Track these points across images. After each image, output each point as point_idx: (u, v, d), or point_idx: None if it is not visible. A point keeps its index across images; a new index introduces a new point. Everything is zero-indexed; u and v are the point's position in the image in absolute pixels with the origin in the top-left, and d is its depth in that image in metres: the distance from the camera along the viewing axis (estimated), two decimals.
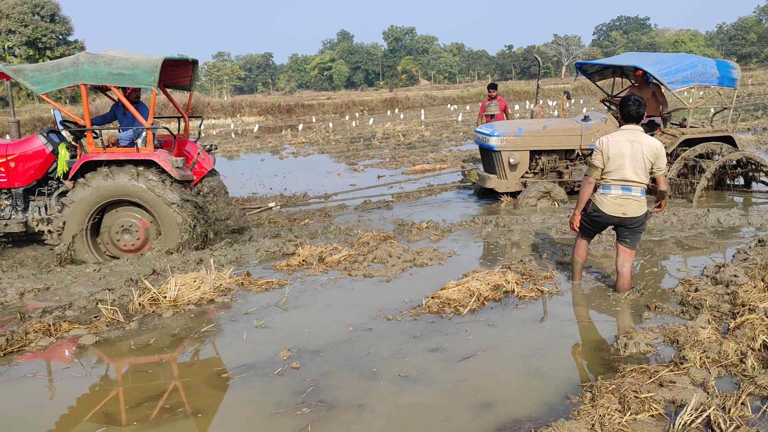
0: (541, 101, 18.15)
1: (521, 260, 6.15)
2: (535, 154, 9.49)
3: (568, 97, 11.65)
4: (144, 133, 7.11)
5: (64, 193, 7.15)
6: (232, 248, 7.22)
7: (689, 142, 9.09)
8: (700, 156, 9.03)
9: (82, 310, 5.34)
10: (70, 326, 4.92)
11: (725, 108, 9.68)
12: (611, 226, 5.27)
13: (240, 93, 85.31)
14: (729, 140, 9.20)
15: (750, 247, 6.17)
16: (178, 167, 7.01)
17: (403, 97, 47.80)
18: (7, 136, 8.26)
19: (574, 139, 9.41)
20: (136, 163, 6.88)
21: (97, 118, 7.76)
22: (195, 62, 7.85)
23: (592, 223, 5.25)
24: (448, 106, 43.74)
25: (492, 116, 11.32)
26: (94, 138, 6.98)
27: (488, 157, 9.70)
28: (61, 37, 55.59)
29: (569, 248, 5.73)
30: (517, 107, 33.22)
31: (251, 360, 4.35)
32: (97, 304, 5.37)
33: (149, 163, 6.89)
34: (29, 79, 6.69)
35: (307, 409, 3.58)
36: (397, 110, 40.40)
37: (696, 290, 5.05)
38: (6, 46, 54.06)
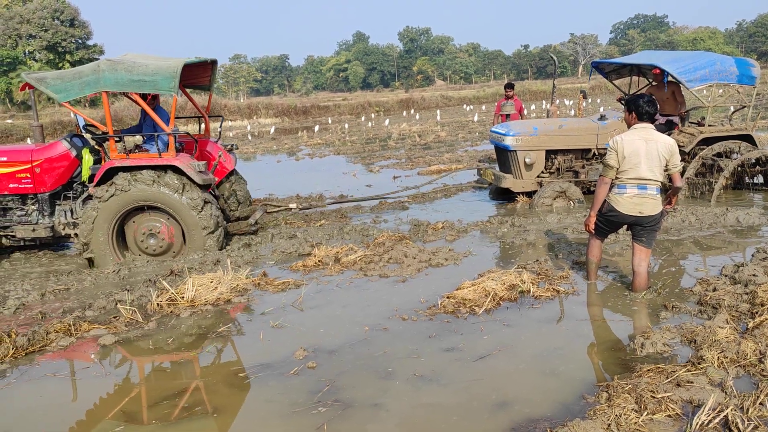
0: (557, 101, 18.04)
1: (537, 260, 6.13)
2: (550, 153, 9.44)
3: (585, 97, 11.55)
4: (166, 138, 7.19)
5: (89, 198, 7.25)
6: (248, 249, 7.27)
7: (707, 141, 9.00)
8: (719, 155, 8.93)
9: (102, 310, 5.42)
10: (90, 326, 4.99)
11: (744, 106, 9.57)
12: (625, 226, 5.25)
13: (256, 95, 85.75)
14: (748, 139, 9.09)
15: None
16: (200, 171, 7.09)
17: (419, 97, 47.77)
18: (28, 140, 8.40)
19: (590, 138, 9.36)
20: (159, 168, 6.95)
21: (131, 128, 7.92)
22: (214, 62, 7.91)
23: (608, 223, 5.22)
24: (464, 106, 43.64)
25: (508, 116, 11.29)
26: (117, 142, 7.05)
27: (504, 156, 9.67)
28: (80, 41, 56.28)
29: (585, 248, 5.71)
30: (533, 107, 33.08)
31: (268, 360, 4.39)
32: (116, 304, 5.44)
33: (171, 168, 6.96)
34: (51, 88, 6.78)
35: (323, 409, 3.61)
36: (412, 111, 40.38)
37: (714, 290, 5.01)
38: (27, 50, 54.86)
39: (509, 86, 11.84)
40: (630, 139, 4.92)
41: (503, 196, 10.07)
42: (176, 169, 6.97)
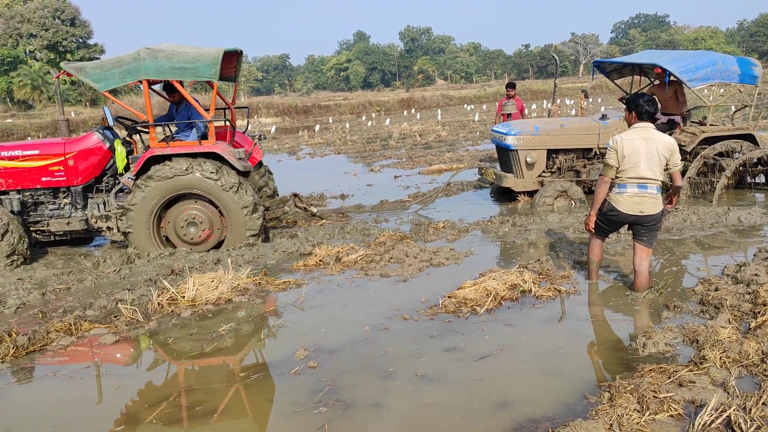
0: (558, 100, 18.05)
1: (538, 260, 6.11)
2: (552, 153, 9.43)
3: (586, 96, 11.56)
4: (201, 126, 7.28)
5: (122, 190, 7.33)
6: (249, 248, 7.26)
7: (709, 140, 8.98)
8: (720, 154, 8.91)
9: (103, 309, 5.41)
10: (90, 326, 4.98)
11: (746, 106, 9.56)
12: (626, 225, 5.24)
13: (257, 94, 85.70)
14: (750, 138, 9.08)
15: None
16: (240, 158, 7.14)
17: (420, 97, 47.74)
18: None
19: (591, 137, 9.35)
20: (198, 156, 6.98)
21: (159, 118, 7.91)
22: (240, 53, 7.93)
23: (608, 222, 5.21)
24: (465, 105, 43.64)
25: (509, 115, 11.27)
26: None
27: (505, 156, 9.66)
28: (81, 40, 56.33)
29: (586, 247, 5.70)
30: (534, 106, 33.07)
31: (268, 359, 4.38)
32: (117, 303, 5.43)
33: (211, 156, 7.00)
34: (91, 77, 6.78)
35: (324, 408, 3.60)
36: (413, 110, 40.37)
37: (716, 289, 5.00)
38: (27, 49, 54.89)
39: (511, 86, 11.83)
40: (630, 139, 4.91)
41: (504, 195, 10.06)
42: (215, 157, 7.00)
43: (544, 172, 9.44)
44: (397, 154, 17.28)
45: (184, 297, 5.45)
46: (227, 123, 7.89)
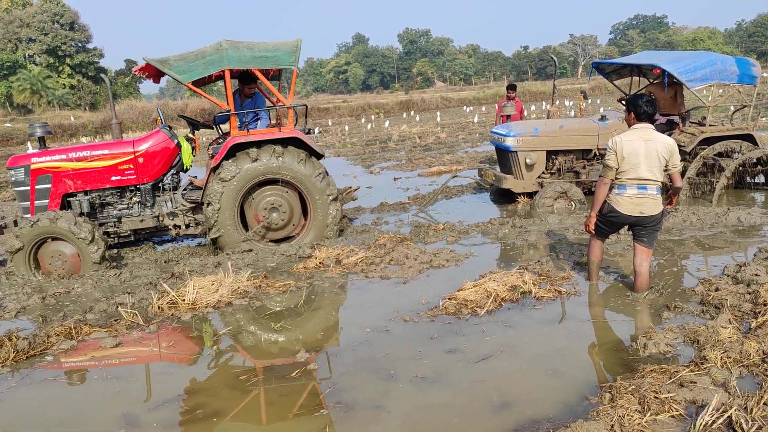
0: (557, 101, 18.03)
1: (538, 261, 6.11)
2: (551, 154, 9.43)
3: (585, 97, 11.54)
4: (267, 116, 7.62)
5: (192, 186, 7.50)
6: (249, 251, 7.26)
7: (709, 141, 8.98)
8: (720, 154, 8.91)
9: (103, 313, 5.41)
10: (91, 329, 4.98)
11: (745, 106, 9.56)
12: (626, 226, 5.24)
13: None
14: (749, 138, 9.08)
15: None
16: (317, 143, 7.31)
17: (419, 99, 47.76)
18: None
19: (591, 138, 9.35)
20: (277, 142, 7.12)
21: (222, 114, 8.01)
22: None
23: (608, 223, 5.21)
24: (464, 107, 43.64)
25: (508, 117, 11.27)
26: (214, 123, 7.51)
27: (504, 157, 9.66)
28: (80, 44, 56.36)
29: (586, 248, 5.70)
30: (533, 108, 33.06)
31: (269, 362, 4.38)
32: (117, 307, 5.43)
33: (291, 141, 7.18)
34: (175, 69, 6.81)
35: (325, 411, 3.60)
36: (412, 112, 40.40)
37: (716, 290, 4.99)
38: (27, 54, 54.92)
39: (511, 87, 11.83)
40: (629, 140, 4.91)
41: (504, 197, 10.06)
42: (295, 143, 7.17)
43: (543, 173, 9.43)
44: (396, 156, 17.28)
45: (184, 300, 5.44)
46: (304, 111, 8.11)
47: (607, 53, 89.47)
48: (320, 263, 6.49)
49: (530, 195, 9.46)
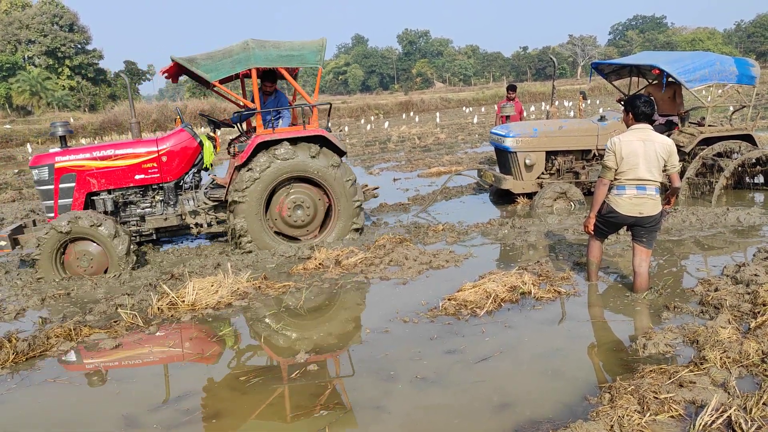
0: (556, 102, 18.06)
1: (538, 261, 6.12)
2: (551, 154, 9.44)
3: (584, 98, 11.58)
4: (289, 114, 7.72)
5: (214, 185, 7.57)
6: (249, 252, 7.26)
7: (708, 141, 8.99)
8: (719, 155, 8.92)
9: (102, 314, 5.41)
10: (90, 331, 4.98)
11: (744, 106, 9.56)
12: (625, 227, 5.25)
13: None
14: (748, 138, 9.09)
15: None
16: (341, 140, 7.34)
17: (418, 100, 47.78)
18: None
19: (590, 139, 9.35)
20: (301, 141, 7.22)
21: (247, 110, 8.06)
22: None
23: (608, 224, 5.22)
24: (464, 108, 43.67)
25: (507, 117, 11.28)
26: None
27: (504, 158, 9.66)
28: (79, 46, 56.38)
29: (586, 249, 5.70)
30: (532, 108, 33.09)
31: (269, 363, 4.39)
32: (116, 308, 5.43)
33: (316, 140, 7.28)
34: (202, 68, 6.85)
35: (325, 412, 3.60)
36: (412, 113, 40.40)
37: (716, 290, 5.00)
38: (26, 55, 54.95)
39: (512, 88, 11.84)
40: (628, 140, 4.91)
41: (503, 197, 10.06)
42: (319, 140, 7.28)
43: (543, 173, 9.44)
44: (396, 157, 17.28)
45: (184, 301, 5.45)
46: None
47: (606, 54, 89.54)
48: (320, 264, 6.50)
49: (529, 195, 9.46)
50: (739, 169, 9.30)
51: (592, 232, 5.34)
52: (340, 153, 7.51)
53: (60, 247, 6.64)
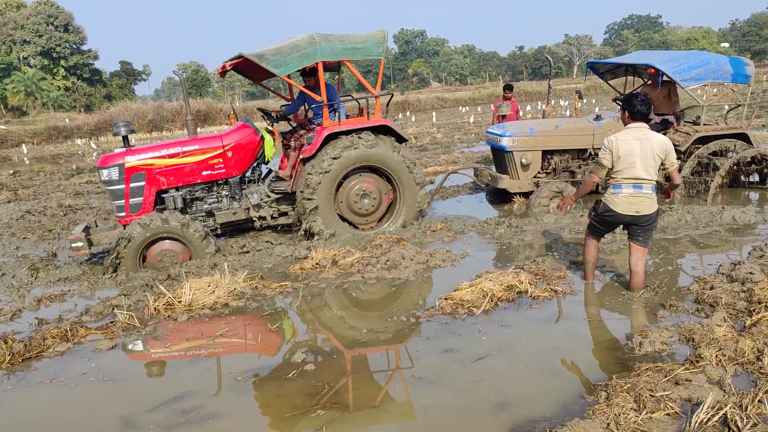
0: (552, 101, 18.08)
1: (534, 260, 6.13)
2: (547, 154, 9.45)
3: (580, 97, 11.58)
4: (342, 108, 7.85)
5: (277, 178, 7.72)
6: (246, 253, 7.26)
7: (703, 140, 9.01)
8: (714, 153, 8.94)
9: (99, 315, 5.40)
10: (86, 331, 4.97)
11: (739, 105, 9.58)
12: (621, 226, 5.27)
13: (252, 99, 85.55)
14: (743, 137, 9.11)
15: (766, 244, 6.11)
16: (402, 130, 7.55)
17: (415, 99, 47.79)
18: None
19: (586, 138, 9.37)
20: (368, 130, 7.42)
21: (289, 105, 8.29)
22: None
23: (604, 223, 5.23)
24: (460, 108, 43.69)
25: (503, 117, 11.29)
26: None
27: (500, 157, 9.67)
28: (74, 46, 56.28)
29: (582, 248, 5.71)
30: (528, 108, 33.11)
31: (266, 363, 4.38)
32: (113, 309, 5.42)
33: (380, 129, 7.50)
34: (271, 63, 6.92)
35: (322, 412, 3.60)
36: (408, 113, 40.39)
37: (711, 288, 5.01)
38: (21, 56, 54.80)
39: (508, 87, 11.85)
40: (624, 139, 4.92)
41: (500, 197, 10.07)
42: (383, 130, 7.47)
43: (539, 173, 9.45)
44: None
45: (180, 302, 5.44)
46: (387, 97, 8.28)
47: (602, 53, 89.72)
48: (316, 264, 6.49)
49: (526, 195, 9.48)
50: (735, 167, 9.32)
51: (588, 230, 5.36)
52: (401, 141, 7.78)
53: (145, 246, 6.76)
